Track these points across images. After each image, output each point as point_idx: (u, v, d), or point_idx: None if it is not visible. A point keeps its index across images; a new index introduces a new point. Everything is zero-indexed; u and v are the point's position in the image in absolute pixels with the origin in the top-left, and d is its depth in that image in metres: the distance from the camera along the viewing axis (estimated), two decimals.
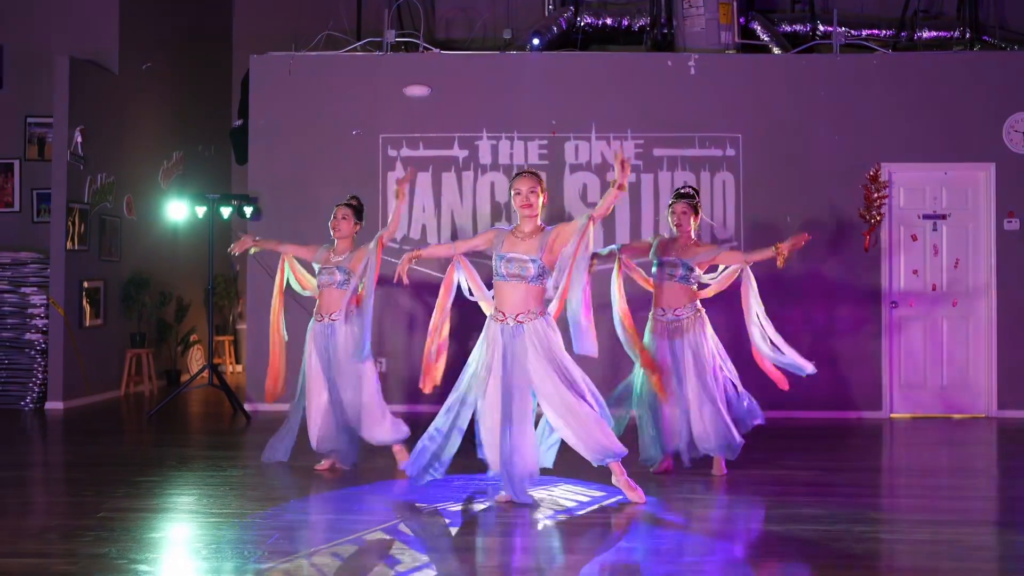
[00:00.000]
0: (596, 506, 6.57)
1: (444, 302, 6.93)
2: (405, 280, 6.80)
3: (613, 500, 6.68)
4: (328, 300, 7.66)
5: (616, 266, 7.48)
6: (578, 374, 6.58)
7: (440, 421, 6.72)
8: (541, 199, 6.60)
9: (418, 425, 10.14)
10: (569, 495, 6.85)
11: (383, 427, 7.63)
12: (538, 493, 6.75)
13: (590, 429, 6.50)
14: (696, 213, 7.72)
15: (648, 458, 7.59)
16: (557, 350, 6.52)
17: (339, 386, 7.52)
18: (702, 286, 7.82)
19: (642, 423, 7.65)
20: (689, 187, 7.93)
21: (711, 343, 7.67)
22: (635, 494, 6.60)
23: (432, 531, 5.97)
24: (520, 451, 6.45)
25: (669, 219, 7.78)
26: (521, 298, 6.52)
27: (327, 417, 7.59)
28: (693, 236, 7.75)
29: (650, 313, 7.74)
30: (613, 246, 7.78)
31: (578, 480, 7.20)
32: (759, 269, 10.72)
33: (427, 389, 6.99)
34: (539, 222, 6.65)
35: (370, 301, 7.38)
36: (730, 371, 7.76)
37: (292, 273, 8.06)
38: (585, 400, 6.52)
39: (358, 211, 7.83)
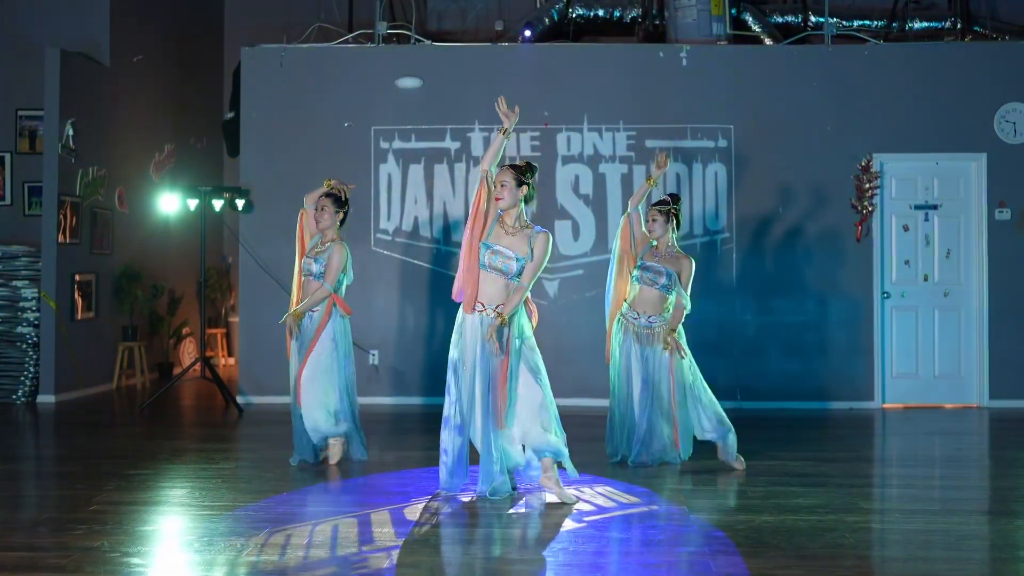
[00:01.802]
0: (601, 503, 6.59)
1: (476, 210, 6.67)
2: (507, 109, 6.70)
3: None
4: (308, 291, 7.65)
5: (622, 223, 7.83)
6: (543, 370, 6.64)
7: (444, 438, 6.71)
8: (516, 194, 6.58)
9: (407, 417, 10.16)
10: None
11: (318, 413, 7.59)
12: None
13: (533, 420, 6.53)
14: (668, 220, 7.69)
15: (612, 451, 7.73)
16: (525, 347, 6.55)
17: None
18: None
19: (611, 415, 7.82)
20: (668, 196, 7.87)
21: (677, 360, 7.63)
22: (563, 492, 6.54)
23: (423, 522, 5.97)
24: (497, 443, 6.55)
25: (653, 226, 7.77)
26: (500, 291, 6.56)
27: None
28: (675, 247, 7.73)
29: (621, 312, 7.74)
30: (631, 210, 7.84)
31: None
32: (755, 260, 10.78)
33: (467, 309, 6.69)
34: (524, 217, 6.65)
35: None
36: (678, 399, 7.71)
37: (300, 230, 7.93)
38: (540, 389, 6.56)
39: (339, 201, 7.78)
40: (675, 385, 7.58)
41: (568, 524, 5.93)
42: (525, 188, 6.62)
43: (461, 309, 6.66)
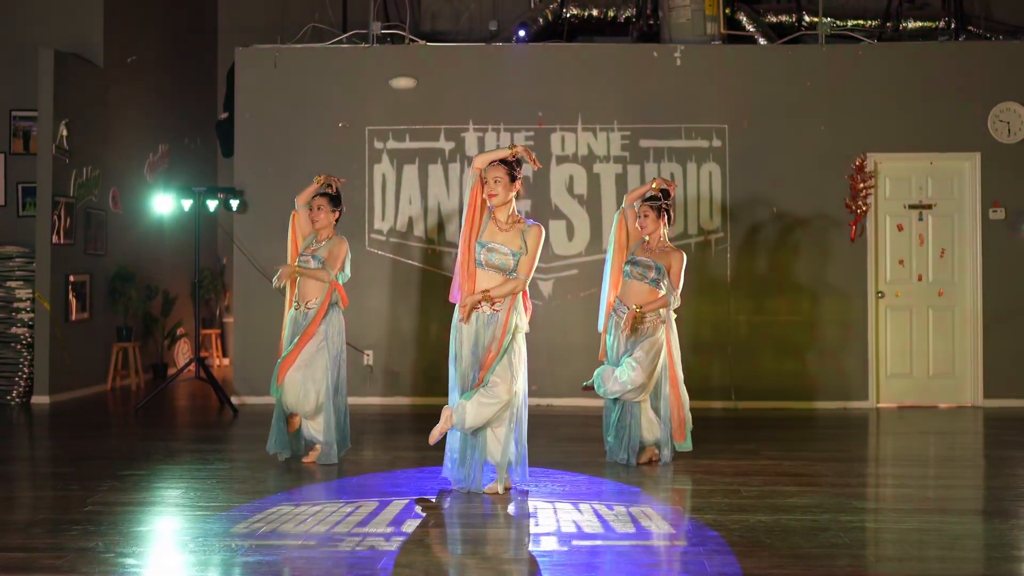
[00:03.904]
0: (594, 501, 6.59)
1: (473, 208, 6.66)
2: (535, 166, 6.69)
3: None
4: (305, 288, 7.64)
5: (617, 219, 7.82)
6: (522, 370, 6.64)
7: (449, 434, 6.80)
8: (512, 189, 6.60)
9: (401, 417, 10.16)
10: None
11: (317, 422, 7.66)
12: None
13: (482, 406, 6.53)
14: (660, 216, 7.66)
15: (609, 449, 7.75)
16: (513, 342, 6.58)
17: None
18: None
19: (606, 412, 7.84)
20: (660, 191, 7.78)
21: (666, 353, 7.62)
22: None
23: (417, 523, 5.96)
24: (484, 440, 6.67)
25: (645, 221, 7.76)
26: None
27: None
28: (666, 241, 7.73)
29: (614, 308, 7.74)
30: (626, 206, 7.82)
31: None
32: (749, 259, 10.79)
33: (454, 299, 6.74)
34: (516, 212, 6.67)
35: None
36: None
37: (292, 232, 7.93)
38: (500, 386, 6.54)
39: (334, 199, 7.78)
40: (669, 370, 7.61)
41: (563, 524, 5.93)
42: (518, 183, 6.62)
43: (457, 307, 6.68)
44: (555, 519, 6.03)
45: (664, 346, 7.60)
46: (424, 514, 6.16)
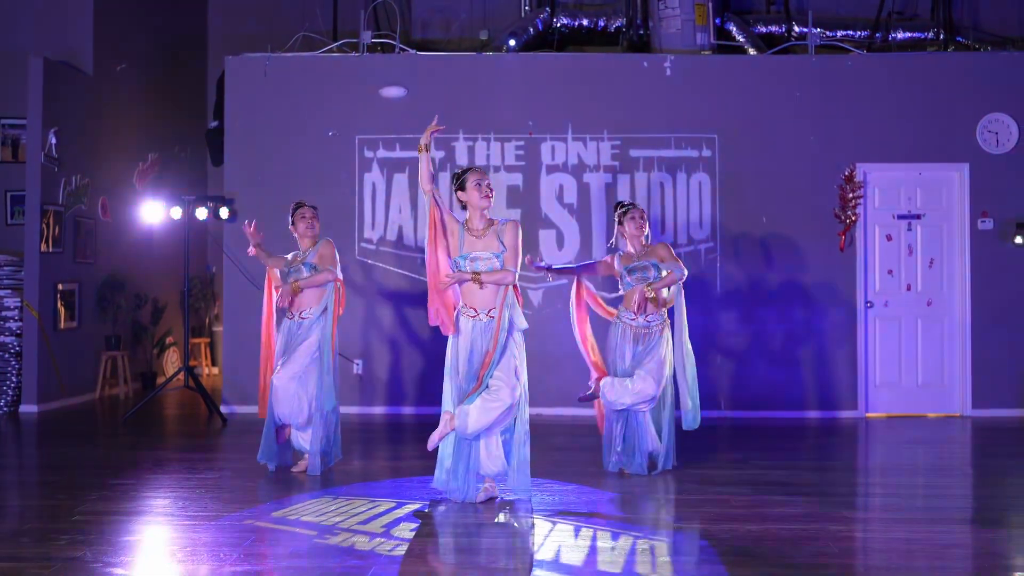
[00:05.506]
0: (581, 511, 6.59)
1: (436, 229, 6.65)
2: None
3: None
4: (300, 298, 7.65)
5: (574, 291, 7.95)
6: (523, 371, 6.65)
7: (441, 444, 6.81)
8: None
9: (391, 427, 10.15)
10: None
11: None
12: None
13: (486, 411, 6.52)
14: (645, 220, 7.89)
15: (615, 462, 7.73)
16: (510, 342, 6.60)
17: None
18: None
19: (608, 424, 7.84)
20: (630, 203, 8.00)
21: (670, 356, 7.65)
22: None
23: (408, 532, 5.95)
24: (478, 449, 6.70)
25: (628, 227, 7.79)
26: (491, 294, 6.60)
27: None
28: (644, 241, 7.81)
29: (617, 316, 7.75)
30: (570, 264, 7.97)
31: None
32: (739, 269, 10.80)
33: (447, 331, 6.78)
34: (487, 215, 6.78)
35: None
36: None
37: (268, 286, 8.06)
38: (504, 389, 6.55)
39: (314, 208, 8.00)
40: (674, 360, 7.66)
41: (553, 535, 5.93)
42: None
43: (457, 313, 6.68)
44: (546, 529, 6.03)
45: (670, 349, 7.65)
46: (415, 523, 6.15)
